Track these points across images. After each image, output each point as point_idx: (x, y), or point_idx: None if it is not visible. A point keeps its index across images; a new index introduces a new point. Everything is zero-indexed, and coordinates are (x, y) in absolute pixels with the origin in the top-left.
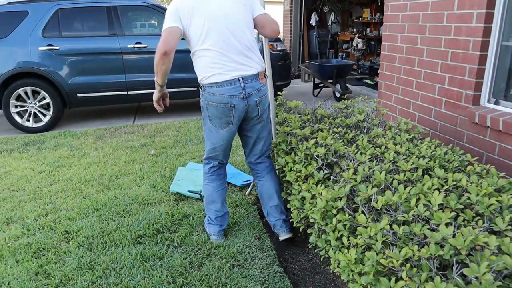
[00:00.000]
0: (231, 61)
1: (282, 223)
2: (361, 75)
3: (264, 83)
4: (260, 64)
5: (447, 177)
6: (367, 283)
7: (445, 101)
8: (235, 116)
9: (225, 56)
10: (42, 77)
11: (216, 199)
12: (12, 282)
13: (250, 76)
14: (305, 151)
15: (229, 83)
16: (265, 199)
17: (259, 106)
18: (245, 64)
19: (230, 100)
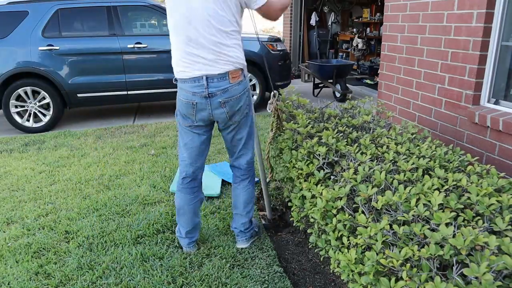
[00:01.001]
0: (197, 57)
1: (239, 232)
2: (361, 75)
3: (235, 83)
4: (232, 62)
5: (447, 177)
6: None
7: (445, 101)
8: (197, 115)
9: (192, 52)
10: (42, 77)
11: (186, 212)
12: (12, 282)
13: (216, 76)
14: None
15: (193, 80)
16: (232, 204)
17: (225, 107)
18: (214, 61)
19: (192, 97)
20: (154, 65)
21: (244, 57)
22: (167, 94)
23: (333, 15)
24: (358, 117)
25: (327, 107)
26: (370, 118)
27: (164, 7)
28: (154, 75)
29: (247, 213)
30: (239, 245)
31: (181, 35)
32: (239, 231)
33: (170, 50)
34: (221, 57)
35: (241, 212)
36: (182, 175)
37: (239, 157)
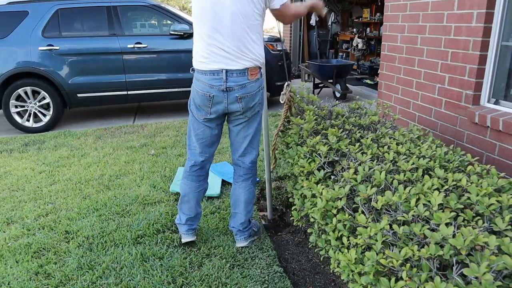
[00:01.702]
0: (218, 50)
1: (237, 231)
2: (361, 75)
3: (253, 80)
4: (253, 59)
5: (447, 177)
6: (367, 283)
7: (445, 101)
8: (212, 108)
9: (214, 42)
10: (42, 77)
11: (191, 199)
12: (12, 282)
13: (236, 71)
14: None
15: (212, 72)
16: (232, 202)
17: (241, 103)
18: (235, 57)
19: (210, 89)
20: (154, 65)
21: (264, 54)
22: (167, 94)
23: (333, 15)
24: (365, 118)
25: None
26: (377, 119)
27: (164, 7)
28: (154, 75)
29: (247, 213)
30: (239, 244)
31: (206, 25)
32: (237, 230)
33: (170, 50)
34: (243, 52)
35: (241, 211)
36: (190, 162)
37: (244, 155)
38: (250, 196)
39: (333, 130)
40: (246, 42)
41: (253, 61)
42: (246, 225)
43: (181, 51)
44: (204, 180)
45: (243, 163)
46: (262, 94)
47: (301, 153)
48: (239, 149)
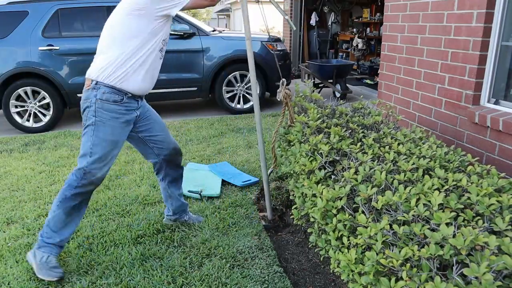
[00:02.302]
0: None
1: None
2: (361, 75)
3: (86, 90)
4: (94, 71)
5: (448, 177)
6: (367, 283)
7: (445, 101)
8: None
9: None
10: (42, 77)
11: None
12: (12, 282)
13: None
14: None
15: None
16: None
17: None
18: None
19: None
20: None
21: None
22: (167, 94)
23: (333, 15)
24: (369, 118)
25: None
26: (380, 119)
27: None
28: None
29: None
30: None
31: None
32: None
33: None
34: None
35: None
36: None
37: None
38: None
39: (336, 129)
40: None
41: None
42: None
43: (181, 51)
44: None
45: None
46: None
47: (303, 151)
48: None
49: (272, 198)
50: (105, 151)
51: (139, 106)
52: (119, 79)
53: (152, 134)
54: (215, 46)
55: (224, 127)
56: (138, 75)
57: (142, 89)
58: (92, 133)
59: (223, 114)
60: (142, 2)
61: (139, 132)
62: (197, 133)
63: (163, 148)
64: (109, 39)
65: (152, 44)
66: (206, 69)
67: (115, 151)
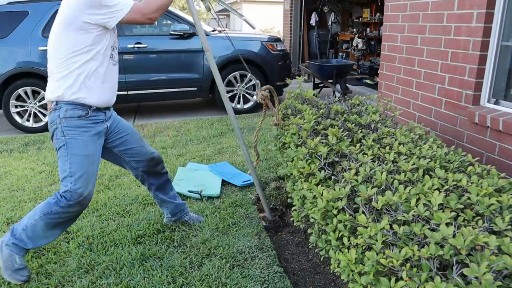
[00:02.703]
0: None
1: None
2: (361, 75)
3: (49, 113)
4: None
5: (448, 178)
6: (367, 283)
7: (445, 101)
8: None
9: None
10: (42, 77)
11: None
12: (12, 282)
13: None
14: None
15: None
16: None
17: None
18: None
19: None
20: (154, 65)
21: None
22: (167, 94)
23: (333, 15)
24: (365, 116)
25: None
26: (377, 117)
27: None
28: (154, 75)
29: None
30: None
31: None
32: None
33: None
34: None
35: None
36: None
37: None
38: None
39: (333, 130)
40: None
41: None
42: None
43: (181, 51)
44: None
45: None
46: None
47: (300, 155)
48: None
49: (272, 198)
50: (84, 168)
51: (107, 117)
52: (76, 95)
53: (127, 147)
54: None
55: (224, 127)
56: (95, 88)
57: (104, 100)
58: (66, 153)
59: (223, 114)
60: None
61: (114, 147)
62: (197, 133)
63: (140, 161)
64: (55, 59)
65: (99, 54)
66: (206, 69)
67: (94, 167)
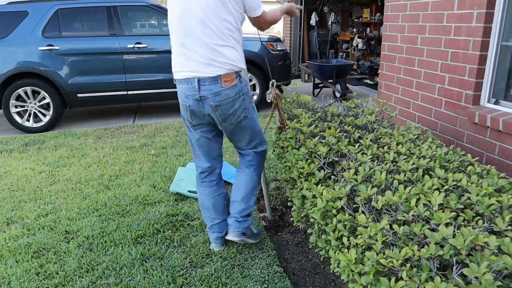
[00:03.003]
0: (190, 59)
1: (233, 221)
2: (361, 75)
3: (227, 87)
4: (225, 66)
5: (447, 177)
6: (367, 283)
7: (445, 101)
8: (193, 117)
9: (185, 50)
10: (42, 77)
11: (209, 207)
12: (12, 282)
13: (208, 79)
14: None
15: (185, 82)
16: (233, 190)
17: (217, 111)
18: (206, 64)
19: (186, 99)
20: (154, 65)
21: (242, 59)
22: (167, 94)
23: (333, 15)
24: (361, 117)
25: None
26: (373, 118)
27: (165, 7)
28: (154, 75)
29: (247, 201)
30: (229, 236)
31: (176, 33)
32: (233, 220)
33: (170, 50)
34: (214, 59)
35: (239, 199)
36: (198, 170)
37: (247, 146)
38: (251, 184)
39: (331, 131)
40: (216, 49)
41: (226, 67)
42: (243, 214)
43: None
44: (218, 185)
45: (247, 151)
46: (245, 100)
47: (299, 156)
48: (242, 146)
49: (272, 198)
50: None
51: None
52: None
53: None
54: None
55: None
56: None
57: None
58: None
59: None
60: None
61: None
62: None
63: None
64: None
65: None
66: None
67: None
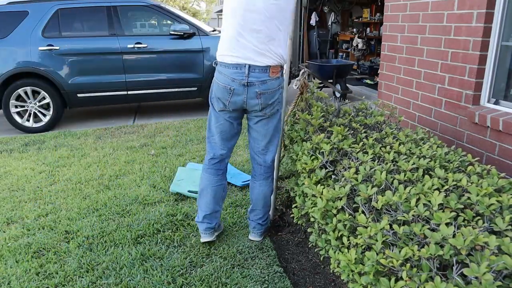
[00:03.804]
0: (244, 46)
1: (256, 224)
2: (361, 75)
3: (273, 78)
4: (276, 58)
5: (448, 177)
6: (367, 283)
7: (445, 101)
8: (232, 101)
9: (241, 39)
10: (42, 77)
11: (208, 194)
12: (12, 282)
13: (258, 67)
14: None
15: (235, 66)
16: (252, 199)
17: (260, 99)
18: (260, 54)
19: (231, 83)
20: (154, 65)
21: (287, 55)
22: (167, 94)
23: (333, 15)
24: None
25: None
26: (383, 119)
27: (164, 7)
28: (154, 75)
29: (267, 207)
30: (252, 237)
31: (237, 19)
32: (256, 223)
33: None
34: (268, 50)
35: (260, 208)
36: (209, 155)
37: (265, 153)
38: (269, 192)
39: (338, 128)
40: (272, 41)
41: (276, 59)
42: (264, 219)
43: (181, 51)
44: (222, 175)
45: (264, 162)
46: (282, 93)
47: (305, 150)
48: (259, 147)
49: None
50: None
51: None
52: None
53: None
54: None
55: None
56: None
57: None
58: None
59: None
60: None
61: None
62: (197, 133)
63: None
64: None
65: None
66: (206, 69)
67: None
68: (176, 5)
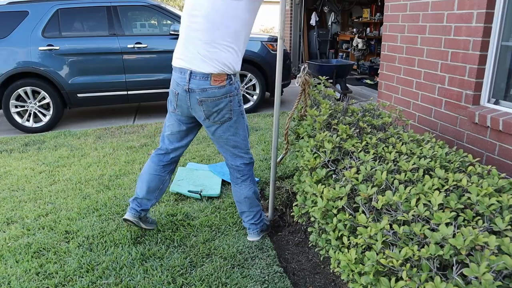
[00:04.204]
0: (189, 51)
1: (250, 225)
2: (361, 75)
3: (215, 86)
4: (219, 66)
5: (448, 177)
6: (367, 283)
7: (445, 101)
8: (178, 105)
9: (188, 44)
10: (42, 77)
11: (144, 179)
12: (12, 282)
13: (199, 73)
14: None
15: (180, 71)
16: (236, 203)
17: (202, 106)
18: (201, 60)
19: (176, 87)
20: (154, 65)
21: (238, 63)
22: (167, 94)
23: (333, 15)
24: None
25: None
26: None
27: (164, 7)
28: (154, 75)
29: (254, 208)
30: (251, 237)
31: (184, 24)
32: (250, 224)
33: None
34: (210, 57)
35: (247, 209)
36: (159, 146)
37: (234, 158)
38: (252, 194)
39: (344, 126)
40: (215, 47)
41: (219, 68)
42: (257, 218)
43: None
44: (164, 168)
45: (236, 166)
46: (232, 102)
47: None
48: (226, 154)
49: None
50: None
51: None
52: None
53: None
54: None
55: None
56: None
57: None
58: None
59: None
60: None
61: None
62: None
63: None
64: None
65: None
66: None
67: None
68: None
